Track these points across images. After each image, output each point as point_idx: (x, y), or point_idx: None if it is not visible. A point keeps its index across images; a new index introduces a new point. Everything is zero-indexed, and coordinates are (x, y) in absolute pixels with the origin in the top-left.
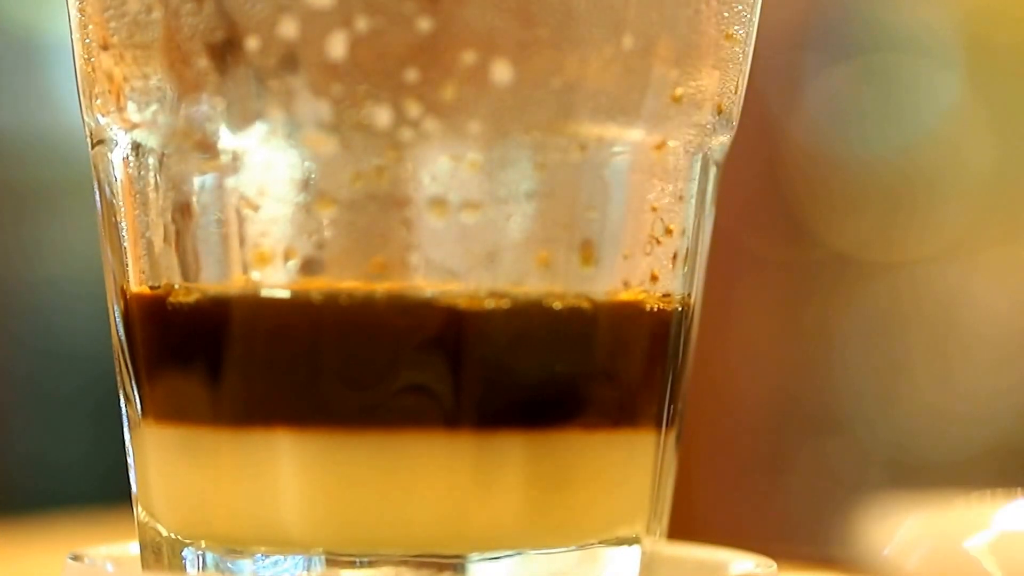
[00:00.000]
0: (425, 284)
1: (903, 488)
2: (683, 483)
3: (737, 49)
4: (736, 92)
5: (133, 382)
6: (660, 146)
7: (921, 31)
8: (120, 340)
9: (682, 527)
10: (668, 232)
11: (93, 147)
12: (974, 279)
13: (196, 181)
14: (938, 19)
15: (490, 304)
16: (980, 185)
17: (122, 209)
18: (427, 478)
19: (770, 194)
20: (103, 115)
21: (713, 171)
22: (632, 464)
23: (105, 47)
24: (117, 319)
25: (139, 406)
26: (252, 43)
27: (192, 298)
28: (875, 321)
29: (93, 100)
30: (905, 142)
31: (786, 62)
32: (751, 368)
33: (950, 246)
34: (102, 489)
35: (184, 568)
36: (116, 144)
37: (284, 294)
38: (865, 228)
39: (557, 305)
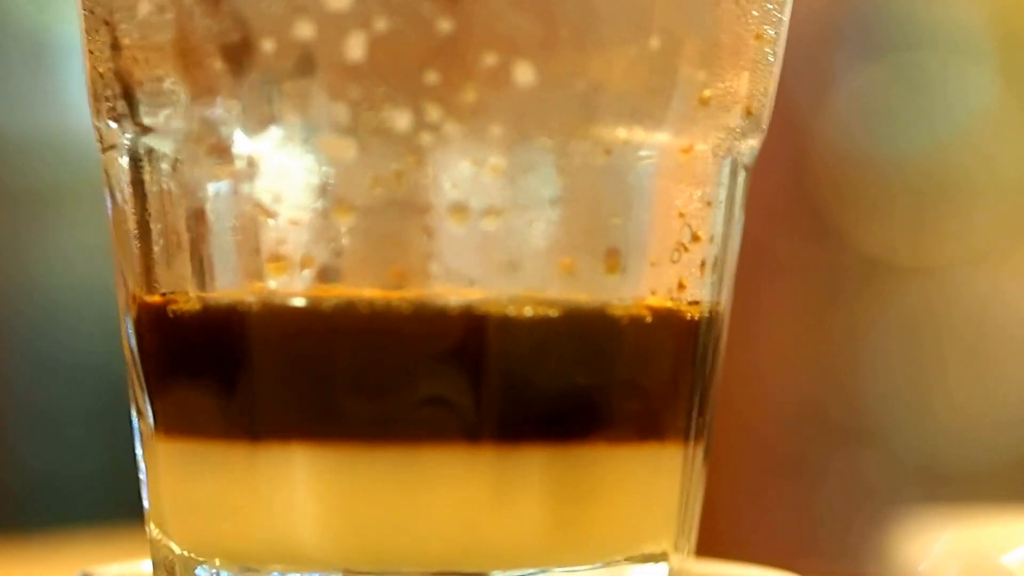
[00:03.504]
0: (445, 293)
1: (937, 501)
2: (708, 495)
3: (767, 50)
4: (766, 94)
5: (145, 394)
6: (687, 150)
7: (953, 27)
8: (132, 351)
9: (708, 541)
10: (696, 239)
11: (104, 152)
12: (1007, 283)
13: (210, 187)
14: (970, 15)
15: (512, 313)
16: (1014, 186)
17: (134, 216)
18: (447, 493)
19: (797, 196)
20: (114, 119)
21: (742, 175)
22: (659, 478)
23: (116, 49)
24: (129, 329)
25: (151, 419)
26: (267, 45)
27: (206, 307)
28: (906, 327)
29: (104, 103)
30: (936, 142)
31: (814, 60)
32: (778, 375)
33: (982, 249)
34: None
35: None
36: (128, 149)
37: (300, 303)
38: (895, 231)
39: (581, 314)
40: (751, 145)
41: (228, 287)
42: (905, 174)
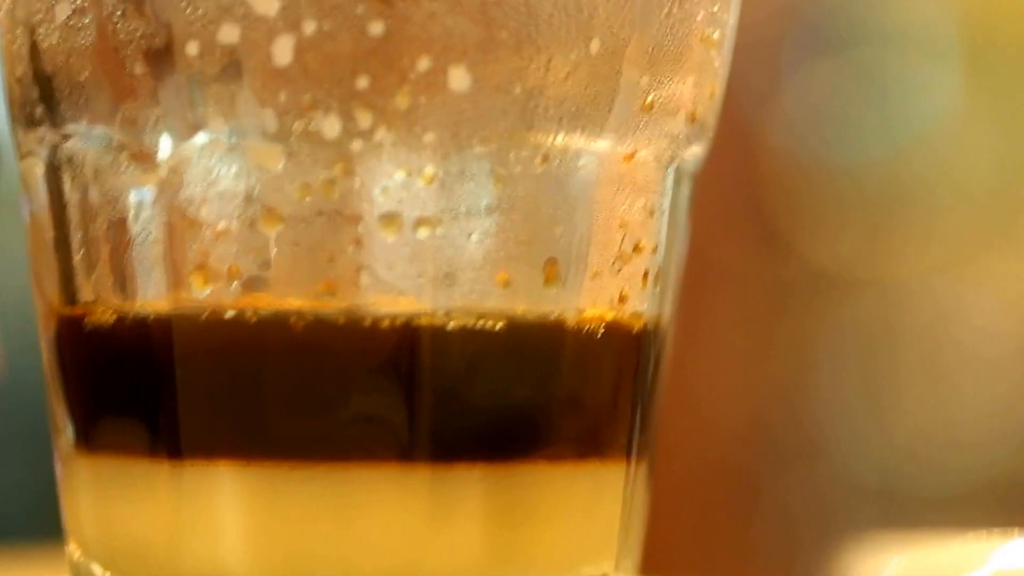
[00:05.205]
0: (377, 305)
1: (890, 524)
2: (652, 515)
3: (712, 53)
4: (712, 99)
5: (65, 410)
6: (630, 157)
7: (912, 24)
8: (50, 364)
9: (651, 563)
10: (638, 249)
11: (22, 159)
12: (967, 295)
13: (132, 195)
14: (931, 11)
15: (447, 327)
16: (975, 194)
17: (53, 225)
18: (380, 515)
19: (745, 203)
20: (32, 125)
21: (687, 183)
22: (600, 497)
23: (35, 52)
24: (47, 341)
25: (71, 436)
26: (192, 48)
27: (127, 320)
28: (859, 342)
29: (21, 108)
30: (893, 148)
31: (762, 60)
32: (724, 391)
33: (942, 260)
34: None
35: None
36: (47, 156)
37: (226, 316)
38: (848, 241)
39: (519, 327)
40: (696, 152)
41: (151, 299)
42: (859, 181)
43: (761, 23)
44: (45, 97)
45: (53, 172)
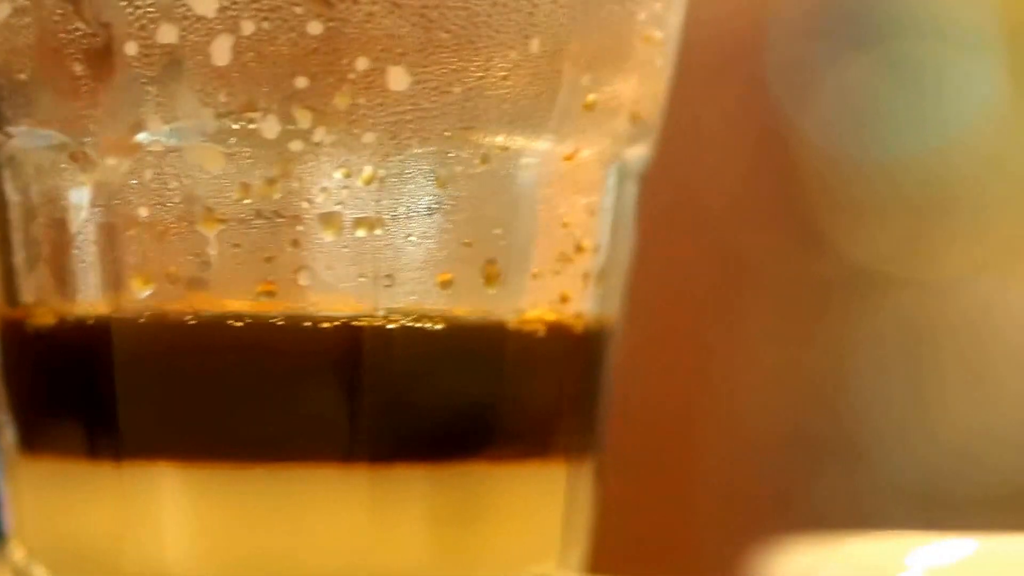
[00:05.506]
0: (317, 306)
1: (932, 526)
2: (688, 519)
3: (656, 52)
4: (656, 99)
5: (7, 410)
6: (571, 157)
7: (953, 17)
8: None
9: (686, 565)
10: (580, 249)
11: None
12: (1011, 294)
13: (72, 196)
14: (974, 3)
15: (388, 327)
16: (1019, 189)
17: None
18: (321, 516)
19: (782, 202)
20: None
21: (631, 183)
22: (542, 497)
23: None
24: None
25: (13, 436)
26: (131, 49)
27: (68, 321)
28: (900, 341)
29: None
30: (934, 144)
31: (799, 54)
32: (761, 393)
33: (984, 257)
34: None
35: None
36: None
37: (164, 317)
38: (889, 239)
39: (459, 328)
40: (639, 152)
41: (90, 300)
42: (900, 178)
43: (798, 17)
44: None
45: None
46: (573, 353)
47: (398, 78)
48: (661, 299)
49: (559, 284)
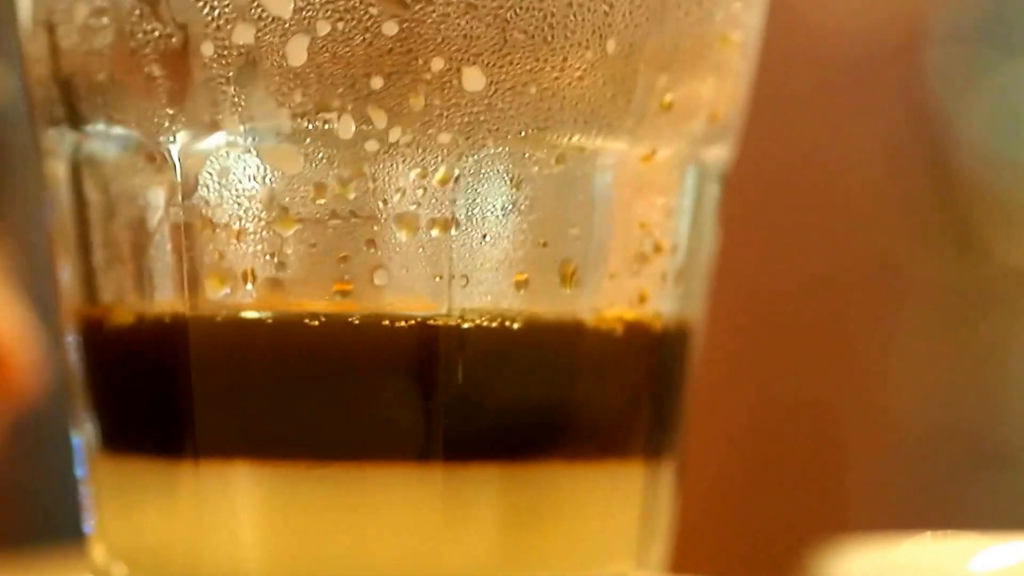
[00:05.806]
0: (392, 306)
1: None
2: (839, 521)
3: (734, 52)
4: (734, 99)
5: (87, 410)
6: (648, 157)
7: None
8: (72, 365)
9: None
10: (658, 249)
11: (43, 159)
12: None
13: (150, 196)
14: None
15: (462, 327)
16: None
17: (73, 226)
18: (397, 514)
19: (937, 205)
20: (52, 125)
21: (712, 184)
22: (618, 498)
23: (55, 53)
24: (69, 342)
25: (93, 436)
26: (207, 49)
27: (146, 321)
28: None
29: (42, 109)
30: None
31: (955, 57)
32: (916, 399)
33: None
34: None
35: None
36: (67, 156)
37: (241, 317)
38: None
39: (536, 328)
40: (719, 153)
41: (168, 299)
42: None
43: (955, 21)
44: (64, 97)
45: (74, 172)
46: (651, 353)
47: (473, 78)
48: (818, 303)
49: (637, 284)
